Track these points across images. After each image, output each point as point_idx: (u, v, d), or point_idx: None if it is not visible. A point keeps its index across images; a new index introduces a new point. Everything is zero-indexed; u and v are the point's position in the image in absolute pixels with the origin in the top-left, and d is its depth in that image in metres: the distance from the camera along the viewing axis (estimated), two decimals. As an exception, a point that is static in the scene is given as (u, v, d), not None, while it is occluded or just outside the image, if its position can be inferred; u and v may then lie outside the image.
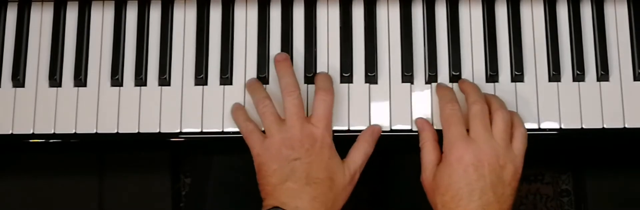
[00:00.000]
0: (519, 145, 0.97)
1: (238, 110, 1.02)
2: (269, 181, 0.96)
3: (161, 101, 1.04)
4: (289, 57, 1.03)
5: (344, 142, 1.01)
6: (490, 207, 0.93)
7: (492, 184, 0.94)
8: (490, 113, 0.98)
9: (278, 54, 1.03)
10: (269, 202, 0.96)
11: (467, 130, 0.97)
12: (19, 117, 1.04)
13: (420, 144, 0.99)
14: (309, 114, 1.00)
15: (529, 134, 1.00)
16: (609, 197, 1.32)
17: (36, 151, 1.30)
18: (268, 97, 1.00)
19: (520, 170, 0.96)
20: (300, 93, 0.99)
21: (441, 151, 0.98)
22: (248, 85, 1.03)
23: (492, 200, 0.93)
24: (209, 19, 1.07)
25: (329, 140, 0.98)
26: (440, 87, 1.02)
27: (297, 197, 0.95)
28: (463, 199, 0.93)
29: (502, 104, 0.99)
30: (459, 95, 1.01)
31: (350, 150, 1.00)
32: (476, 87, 1.01)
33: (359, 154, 1.00)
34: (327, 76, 1.02)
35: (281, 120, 0.98)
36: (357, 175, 0.99)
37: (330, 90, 1.00)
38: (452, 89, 1.02)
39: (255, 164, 0.98)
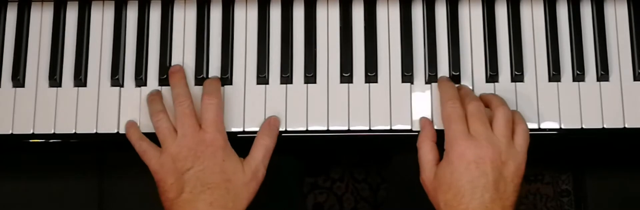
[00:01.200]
0: (521, 141, 0.97)
1: (131, 129, 1.03)
2: (167, 197, 0.97)
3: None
4: (182, 68, 1.04)
5: (344, 141, 1.00)
6: (493, 205, 0.92)
7: (494, 180, 0.93)
8: (492, 110, 0.98)
9: (173, 66, 1.04)
10: None
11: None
12: (19, 117, 1.04)
13: (417, 143, 0.99)
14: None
15: (529, 134, 1.00)
16: (609, 197, 1.32)
17: (36, 151, 1.30)
18: (163, 110, 1.01)
19: (522, 167, 0.96)
20: (191, 102, 1.00)
21: (438, 152, 0.98)
22: (147, 97, 1.04)
23: (494, 197, 0.93)
24: (209, 19, 1.07)
25: (221, 142, 0.98)
26: (442, 83, 1.02)
27: (193, 207, 0.96)
28: (465, 197, 0.93)
29: (502, 102, 0.99)
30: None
31: (251, 146, 1.01)
32: (468, 89, 1.02)
33: (260, 150, 1.00)
34: (214, 80, 1.03)
35: (174, 133, 0.99)
36: (262, 170, 1.00)
37: (216, 94, 1.00)
38: (453, 85, 1.02)
39: (155, 180, 0.99)
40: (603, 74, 1.03)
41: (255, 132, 1.03)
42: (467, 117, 0.97)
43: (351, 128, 1.03)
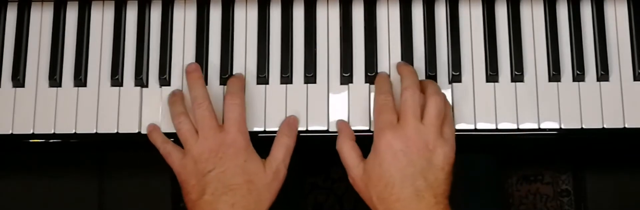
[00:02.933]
0: (448, 130, 0.98)
1: (154, 133, 1.03)
2: (190, 198, 0.98)
3: (161, 101, 1.04)
4: (198, 67, 1.03)
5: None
6: (423, 193, 0.93)
7: (422, 169, 0.94)
8: (425, 98, 0.98)
9: (189, 64, 1.04)
10: None
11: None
12: (19, 117, 1.04)
13: (337, 145, 0.99)
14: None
15: (529, 134, 1.01)
16: (609, 197, 1.32)
17: (36, 151, 1.30)
18: (184, 112, 1.01)
19: (452, 155, 0.96)
20: (209, 104, 0.99)
21: (360, 150, 0.98)
22: (168, 98, 1.04)
23: (424, 185, 0.93)
24: (209, 19, 1.07)
25: (242, 143, 0.98)
26: (379, 77, 1.03)
27: (214, 208, 0.96)
28: (396, 187, 0.93)
29: (437, 90, 0.99)
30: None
31: (272, 146, 1.01)
32: (412, 72, 1.01)
33: (280, 149, 1.00)
34: (238, 79, 1.03)
35: (196, 134, 0.99)
36: (283, 170, 1.00)
37: (239, 94, 1.00)
38: (389, 80, 1.02)
39: (178, 182, 0.99)
40: (603, 74, 1.03)
41: (256, 132, 1.03)
42: (399, 103, 0.97)
43: (351, 128, 1.03)
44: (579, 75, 1.03)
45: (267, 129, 1.03)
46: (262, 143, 1.01)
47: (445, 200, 0.94)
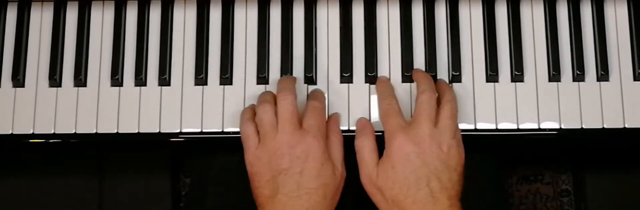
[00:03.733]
0: (458, 134, 0.98)
1: (249, 107, 1.02)
2: (262, 192, 0.96)
3: (161, 101, 1.04)
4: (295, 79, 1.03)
5: (344, 142, 1.01)
6: (438, 195, 0.93)
7: (436, 170, 0.94)
8: (441, 103, 0.98)
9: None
10: None
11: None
12: (19, 117, 1.04)
13: (357, 143, 0.98)
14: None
15: (529, 134, 1.01)
16: (609, 197, 1.32)
17: (36, 151, 1.30)
18: (271, 102, 0.98)
19: (463, 156, 0.97)
20: (294, 98, 0.97)
21: (378, 151, 0.98)
22: (261, 95, 1.03)
23: (439, 186, 0.93)
24: (209, 19, 1.07)
25: (322, 146, 0.97)
26: (379, 82, 1.03)
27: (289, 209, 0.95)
28: (410, 189, 0.93)
29: (453, 97, 0.99)
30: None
31: (328, 148, 0.99)
32: (428, 77, 1.02)
33: (336, 147, 0.99)
34: (321, 92, 1.03)
35: (277, 127, 0.97)
36: (344, 170, 0.99)
37: (322, 100, 1.00)
38: (389, 84, 1.03)
39: (248, 172, 0.98)
40: (603, 74, 1.03)
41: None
42: (415, 106, 0.98)
43: (351, 128, 1.03)
44: (579, 75, 1.03)
45: (267, 129, 1.03)
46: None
47: (458, 203, 0.94)
